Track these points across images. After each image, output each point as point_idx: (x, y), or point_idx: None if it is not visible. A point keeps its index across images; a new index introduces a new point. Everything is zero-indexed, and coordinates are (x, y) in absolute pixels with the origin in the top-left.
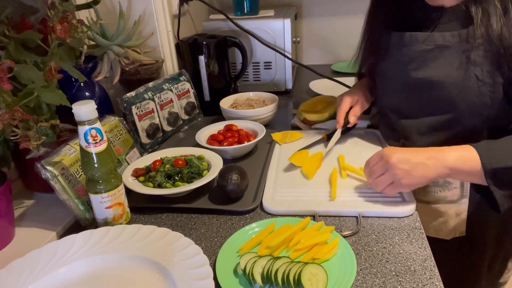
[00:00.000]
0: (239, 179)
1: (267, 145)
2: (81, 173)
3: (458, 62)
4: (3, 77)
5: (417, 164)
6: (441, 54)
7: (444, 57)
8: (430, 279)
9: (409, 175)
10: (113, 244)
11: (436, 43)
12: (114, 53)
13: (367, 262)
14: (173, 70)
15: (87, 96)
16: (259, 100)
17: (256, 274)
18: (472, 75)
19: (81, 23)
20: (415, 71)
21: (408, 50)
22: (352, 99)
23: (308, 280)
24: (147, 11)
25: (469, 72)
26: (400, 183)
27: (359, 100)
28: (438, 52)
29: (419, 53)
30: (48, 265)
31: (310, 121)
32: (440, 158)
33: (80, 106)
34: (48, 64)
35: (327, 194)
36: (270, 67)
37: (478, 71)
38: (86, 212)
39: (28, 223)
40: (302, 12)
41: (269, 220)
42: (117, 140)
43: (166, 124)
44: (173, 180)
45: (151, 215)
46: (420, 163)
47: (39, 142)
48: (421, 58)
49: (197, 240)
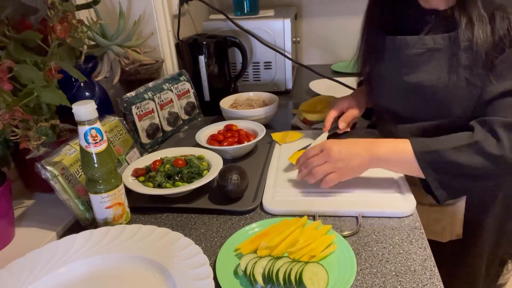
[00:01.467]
0: (239, 179)
1: (267, 145)
2: (81, 173)
3: (449, 65)
4: (3, 77)
5: (354, 155)
6: (432, 57)
7: (435, 60)
8: (430, 279)
9: (347, 166)
10: (113, 244)
11: (427, 47)
12: (114, 53)
13: (367, 262)
14: (173, 70)
15: (87, 96)
16: (259, 100)
17: (257, 275)
18: (462, 78)
19: (81, 23)
20: (408, 76)
21: (400, 54)
22: (343, 105)
23: (310, 279)
24: (147, 11)
25: (459, 76)
26: (341, 173)
27: (351, 106)
28: (429, 56)
29: (411, 57)
30: (48, 265)
31: (310, 121)
32: (373, 150)
33: (80, 106)
34: (48, 64)
35: (327, 194)
36: (270, 67)
37: (468, 74)
38: (86, 212)
39: (28, 223)
40: (302, 12)
41: (269, 221)
42: (117, 140)
43: (166, 124)
44: (173, 180)
45: (151, 215)
46: (356, 154)
47: (39, 142)
48: (412, 62)
49: (197, 240)
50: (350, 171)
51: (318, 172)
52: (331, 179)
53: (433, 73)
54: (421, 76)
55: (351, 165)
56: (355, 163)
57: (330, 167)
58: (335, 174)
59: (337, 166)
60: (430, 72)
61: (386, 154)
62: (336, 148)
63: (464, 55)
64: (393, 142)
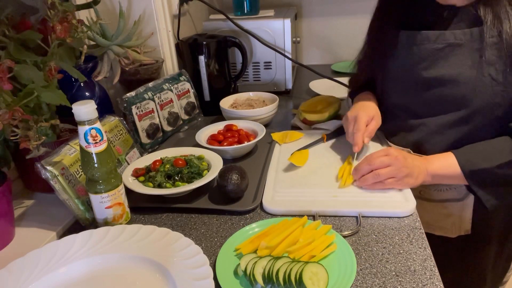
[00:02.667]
0: (239, 179)
1: (267, 145)
2: (81, 173)
3: (471, 60)
4: (3, 77)
5: (416, 166)
6: (452, 52)
7: (455, 55)
8: (430, 279)
9: (410, 175)
10: (113, 244)
11: (447, 42)
12: (114, 53)
13: (367, 262)
14: (173, 70)
15: (87, 96)
16: (259, 100)
17: (257, 275)
18: (486, 74)
19: (81, 23)
20: (426, 70)
21: (419, 49)
22: (369, 116)
23: (310, 279)
24: (147, 11)
25: (482, 71)
26: (401, 180)
27: (375, 117)
28: (450, 51)
29: (430, 52)
30: (48, 265)
31: (310, 121)
32: (428, 165)
33: (80, 106)
34: (48, 64)
35: (327, 194)
36: (270, 67)
37: (492, 70)
38: (86, 212)
39: (28, 223)
40: (302, 12)
41: (269, 221)
42: (117, 140)
43: (166, 124)
44: (173, 180)
45: (151, 215)
46: (417, 166)
47: (39, 142)
48: (432, 57)
49: (197, 240)
50: (408, 180)
51: (380, 174)
52: (389, 183)
53: (453, 68)
54: (442, 71)
55: (410, 174)
56: (416, 174)
57: (394, 170)
58: (394, 180)
59: (400, 171)
60: (451, 67)
61: (439, 170)
62: (401, 154)
63: (489, 51)
64: (442, 157)
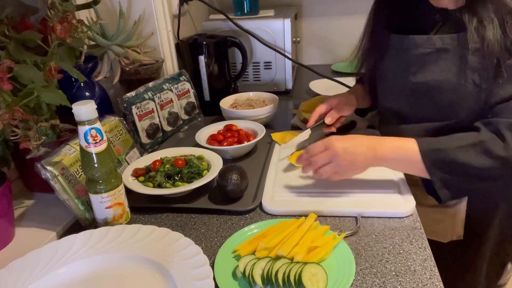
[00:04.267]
0: (239, 179)
1: (267, 145)
2: (81, 173)
3: (456, 67)
4: (3, 77)
5: (359, 154)
6: (439, 58)
7: (442, 60)
8: (430, 279)
9: (352, 166)
10: (113, 244)
11: (435, 47)
12: (114, 53)
13: (367, 262)
14: (173, 70)
15: (87, 96)
16: (259, 100)
17: (256, 276)
18: (470, 80)
19: (81, 23)
20: (414, 75)
21: (406, 54)
22: (332, 102)
23: (309, 280)
24: (147, 11)
25: (466, 78)
26: (345, 173)
27: (340, 103)
28: (437, 56)
29: (418, 57)
30: (48, 265)
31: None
32: (377, 148)
33: (80, 106)
34: (48, 64)
35: (327, 194)
36: (270, 67)
37: (476, 76)
38: (86, 212)
39: (28, 223)
40: (302, 12)
41: (268, 222)
42: (117, 140)
43: (166, 124)
44: (173, 180)
45: (151, 215)
46: (361, 153)
47: (39, 142)
48: (420, 62)
49: (197, 240)
50: (352, 171)
51: (322, 173)
52: (334, 177)
53: (440, 74)
54: (428, 76)
55: (354, 165)
56: (359, 162)
57: (335, 166)
58: (337, 174)
59: (341, 165)
60: (437, 72)
61: (390, 153)
62: (340, 146)
63: (472, 57)
64: (398, 140)
